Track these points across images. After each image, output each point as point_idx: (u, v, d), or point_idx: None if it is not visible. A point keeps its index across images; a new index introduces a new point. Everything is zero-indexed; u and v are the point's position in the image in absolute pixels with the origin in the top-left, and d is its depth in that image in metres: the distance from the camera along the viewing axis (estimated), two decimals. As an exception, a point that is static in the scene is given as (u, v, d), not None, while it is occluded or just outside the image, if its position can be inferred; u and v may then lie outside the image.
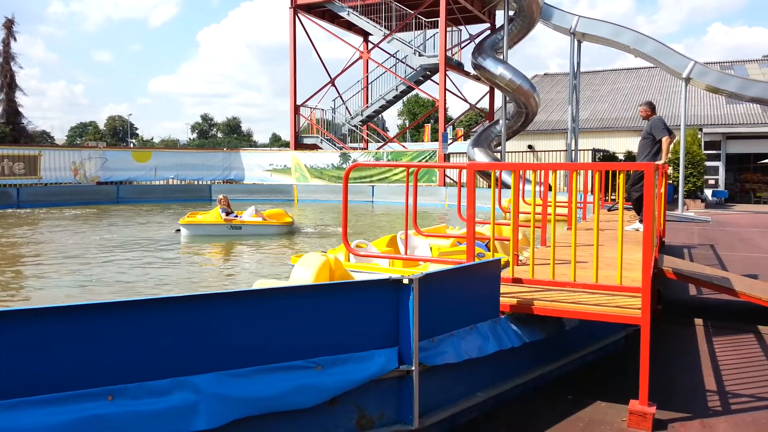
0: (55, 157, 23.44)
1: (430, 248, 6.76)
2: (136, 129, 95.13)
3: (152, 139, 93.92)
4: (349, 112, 27.75)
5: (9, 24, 34.74)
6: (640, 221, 7.79)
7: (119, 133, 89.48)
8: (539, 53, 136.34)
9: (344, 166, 24.49)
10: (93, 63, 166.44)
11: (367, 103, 27.51)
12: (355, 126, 27.27)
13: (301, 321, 2.70)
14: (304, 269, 4.92)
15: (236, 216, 12.87)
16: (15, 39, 35.05)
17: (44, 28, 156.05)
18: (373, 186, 23.86)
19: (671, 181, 19.90)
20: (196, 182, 26.27)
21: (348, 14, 24.77)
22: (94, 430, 2.17)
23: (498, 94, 23.95)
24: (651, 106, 8.27)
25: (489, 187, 19.51)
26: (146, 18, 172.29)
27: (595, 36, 19.15)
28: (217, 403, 2.39)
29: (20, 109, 35.05)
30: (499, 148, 22.07)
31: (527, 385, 3.76)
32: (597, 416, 3.43)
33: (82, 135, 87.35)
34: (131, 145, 71.39)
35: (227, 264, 10.25)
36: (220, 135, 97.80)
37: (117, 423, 2.21)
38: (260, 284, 4.97)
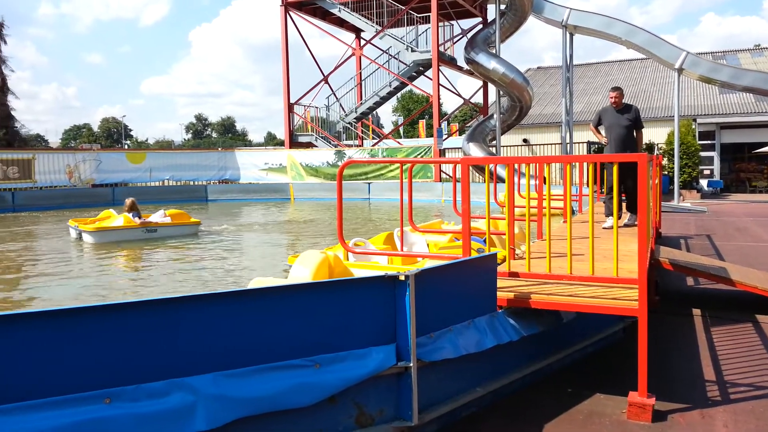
0: (49, 160, 23.39)
1: (428, 244, 6.75)
2: (131, 130, 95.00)
3: (147, 140, 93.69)
4: (343, 109, 27.71)
5: (-1, 27, 34.45)
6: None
7: (114, 134, 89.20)
8: (532, 46, 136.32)
9: (339, 163, 24.45)
10: (84, 65, 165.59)
11: (361, 99, 27.45)
12: (349, 123, 27.24)
13: (299, 319, 2.70)
14: (303, 267, 4.91)
15: (144, 219, 12.63)
16: (5, 42, 34.69)
17: (34, 31, 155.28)
18: (369, 183, 23.83)
19: (666, 172, 19.94)
20: (191, 183, 26.22)
21: (339, 11, 24.69)
22: (92, 433, 2.16)
23: (492, 89, 23.93)
24: (623, 93, 7.98)
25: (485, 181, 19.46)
26: (137, 18, 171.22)
27: (586, 28, 19.14)
28: (215, 403, 2.38)
29: (12, 112, 34.79)
30: (494, 142, 22.07)
31: (526, 379, 3.76)
32: (597, 408, 3.43)
33: (77, 138, 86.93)
34: (126, 147, 71.15)
35: (156, 269, 9.83)
36: (214, 135, 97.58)
37: (115, 426, 2.20)
38: (257, 283, 4.95)
